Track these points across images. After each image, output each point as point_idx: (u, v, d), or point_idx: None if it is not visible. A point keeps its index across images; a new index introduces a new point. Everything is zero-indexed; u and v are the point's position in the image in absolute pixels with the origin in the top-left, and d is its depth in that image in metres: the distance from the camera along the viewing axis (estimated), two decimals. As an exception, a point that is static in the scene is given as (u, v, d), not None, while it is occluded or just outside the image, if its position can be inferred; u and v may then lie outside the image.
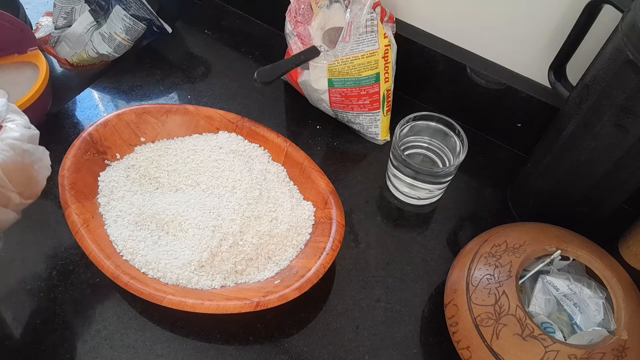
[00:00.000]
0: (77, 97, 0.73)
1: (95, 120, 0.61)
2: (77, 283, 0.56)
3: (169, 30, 0.79)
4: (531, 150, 0.61)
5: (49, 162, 0.48)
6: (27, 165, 0.44)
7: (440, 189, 0.61)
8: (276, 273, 0.54)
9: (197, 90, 0.74)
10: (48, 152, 0.48)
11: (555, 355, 0.43)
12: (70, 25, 0.74)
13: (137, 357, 0.51)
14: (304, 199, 0.60)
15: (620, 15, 0.44)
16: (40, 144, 0.58)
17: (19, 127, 0.45)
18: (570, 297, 0.49)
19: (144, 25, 0.74)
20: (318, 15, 0.65)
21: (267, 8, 0.80)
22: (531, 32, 0.58)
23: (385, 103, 0.65)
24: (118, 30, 0.72)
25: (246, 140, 0.64)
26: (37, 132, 0.47)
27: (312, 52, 0.61)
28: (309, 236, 0.57)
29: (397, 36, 0.65)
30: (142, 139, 0.63)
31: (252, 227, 0.56)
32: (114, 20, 0.72)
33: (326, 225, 0.56)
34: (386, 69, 0.62)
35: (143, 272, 0.53)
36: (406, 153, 0.62)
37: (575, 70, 0.54)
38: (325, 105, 0.67)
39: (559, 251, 0.49)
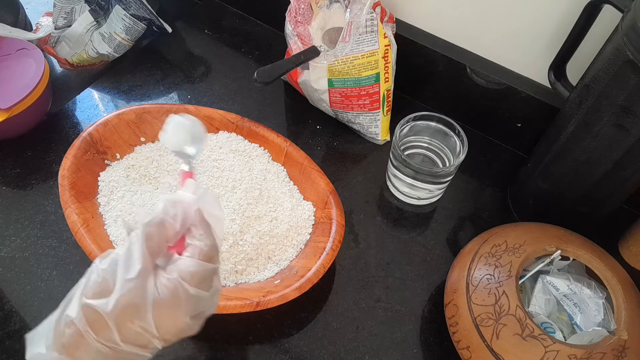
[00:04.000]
0: (77, 97, 0.73)
1: (95, 120, 0.61)
2: (77, 283, 0.55)
3: (169, 30, 0.79)
4: (531, 150, 0.61)
5: (214, 309, 0.36)
6: (183, 314, 0.32)
7: (440, 189, 0.61)
8: (276, 273, 0.54)
9: (197, 90, 0.74)
10: (217, 303, 0.36)
11: (555, 355, 0.43)
12: (70, 25, 0.74)
13: (137, 357, 0.51)
14: (304, 199, 0.60)
15: (620, 15, 0.44)
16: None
17: (200, 254, 0.33)
18: (570, 297, 0.49)
19: (144, 25, 0.74)
20: (318, 15, 0.65)
21: (267, 8, 0.80)
22: (531, 32, 0.58)
23: (385, 103, 0.65)
24: (118, 30, 0.72)
25: (246, 140, 0.64)
26: (215, 266, 0.34)
27: (312, 52, 0.61)
28: (309, 236, 0.57)
29: (397, 36, 0.65)
30: (142, 139, 0.63)
31: (252, 227, 0.56)
32: (114, 20, 0.72)
33: (326, 225, 0.56)
34: (386, 69, 0.62)
35: (143, 272, 0.53)
36: (406, 153, 0.62)
37: (575, 70, 0.54)
38: (325, 105, 0.67)
39: (559, 251, 0.49)
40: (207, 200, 0.35)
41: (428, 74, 0.69)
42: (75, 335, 0.31)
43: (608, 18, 0.49)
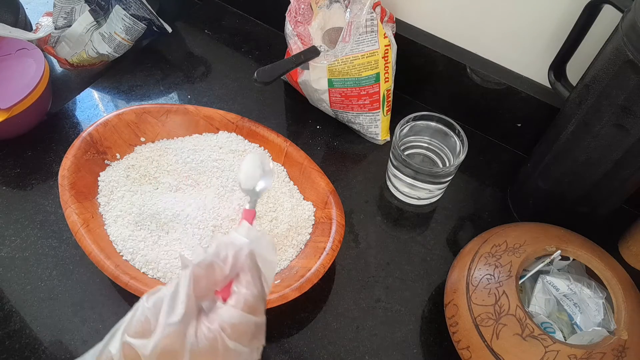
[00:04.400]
0: (77, 97, 0.73)
1: (95, 120, 0.61)
2: (77, 283, 0.56)
3: (169, 30, 0.79)
4: (531, 150, 0.61)
5: None
6: None
7: (440, 189, 0.61)
8: (276, 273, 0.54)
9: (197, 90, 0.74)
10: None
11: (555, 355, 0.43)
12: (70, 25, 0.74)
13: (137, 357, 0.51)
14: (304, 199, 0.60)
15: (620, 15, 0.44)
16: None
17: (244, 305, 0.31)
18: (570, 297, 0.49)
19: (144, 25, 0.74)
20: (318, 15, 0.65)
21: (267, 8, 0.80)
22: (531, 32, 0.58)
23: (385, 103, 0.65)
24: (118, 30, 0.72)
25: (246, 140, 0.64)
26: (258, 320, 0.32)
27: (312, 52, 0.61)
28: (309, 236, 0.57)
29: (397, 36, 0.65)
30: (142, 139, 0.63)
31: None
32: (114, 20, 0.72)
33: (326, 225, 0.56)
34: (386, 69, 0.62)
35: (143, 272, 0.53)
36: (406, 153, 0.62)
37: (575, 70, 0.54)
38: (325, 105, 0.67)
39: (559, 251, 0.49)
40: (261, 244, 0.34)
41: (428, 74, 0.69)
42: None
43: (608, 18, 0.49)
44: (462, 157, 0.57)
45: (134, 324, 0.30)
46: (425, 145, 0.63)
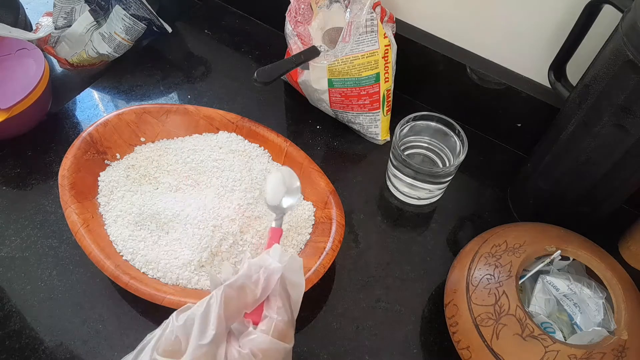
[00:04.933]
0: (77, 97, 0.73)
1: (95, 120, 0.61)
2: (77, 283, 0.56)
3: (169, 30, 0.79)
4: (531, 150, 0.61)
5: None
6: None
7: (440, 189, 0.61)
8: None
9: (197, 90, 0.74)
10: None
11: (555, 355, 0.43)
12: (70, 25, 0.74)
13: (137, 357, 0.51)
14: (304, 199, 0.60)
15: (620, 15, 0.44)
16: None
17: (274, 331, 0.31)
18: (570, 297, 0.49)
19: (144, 25, 0.74)
20: (318, 15, 0.65)
21: (267, 8, 0.80)
22: (531, 32, 0.58)
23: (385, 103, 0.65)
24: (118, 30, 0.72)
25: (246, 140, 0.64)
26: (288, 346, 0.32)
27: (312, 52, 0.61)
28: (309, 236, 0.57)
29: (397, 36, 0.65)
30: (142, 139, 0.63)
31: (252, 227, 0.56)
32: (114, 20, 0.72)
33: (326, 225, 0.56)
34: (386, 69, 0.62)
35: (143, 272, 0.53)
36: (406, 153, 0.62)
37: (575, 70, 0.54)
38: (325, 105, 0.67)
39: (559, 251, 0.49)
40: (292, 267, 0.34)
41: (428, 74, 0.69)
42: None
43: (608, 18, 0.49)
44: (462, 157, 0.57)
45: (164, 341, 0.30)
46: (425, 145, 0.63)
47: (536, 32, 0.58)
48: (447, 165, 0.61)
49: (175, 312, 0.31)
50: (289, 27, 0.64)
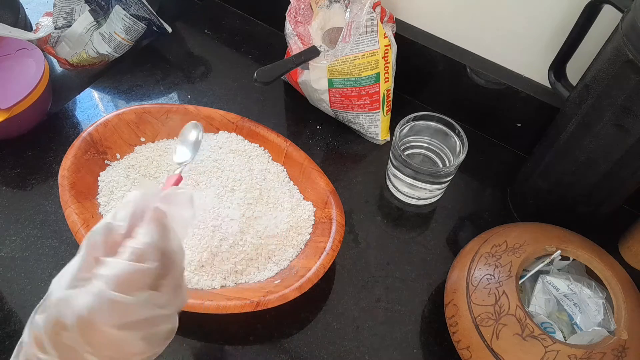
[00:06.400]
0: (77, 97, 0.73)
1: (95, 120, 0.61)
2: (77, 283, 0.56)
3: (169, 30, 0.79)
4: (531, 150, 0.61)
5: (167, 322, 0.32)
6: (104, 323, 0.29)
7: (440, 189, 0.61)
8: (276, 273, 0.54)
9: (197, 90, 0.74)
10: (177, 322, 0.33)
11: (555, 355, 0.43)
12: (70, 25, 0.74)
13: (137, 357, 0.51)
14: (304, 199, 0.60)
15: (620, 15, 0.44)
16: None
17: (131, 254, 0.31)
18: (570, 297, 0.49)
19: (144, 25, 0.74)
20: (318, 15, 0.65)
21: (267, 8, 0.80)
22: (531, 32, 0.58)
23: (385, 103, 0.65)
24: (118, 30, 0.72)
25: (246, 140, 0.64)
26: (148, 267, 0.31)
27: (312, 52, 0.61)
28: (309, 236, 0.57)
29: (397, 36, 0.65)
30: (142, 139, 0.63)
31: (252, 227, 0.56)
32: (114, 20, 0.72)
33: (326, 225, 0.56)
34: (386, 69, 0.62)
35: (143, 272, 0.53)
36: (406, 153, 0.62)
37: (575, 70, 0.54)
38: (325, 105, 0.67)
39: (559, 251, 0.49)
40: (175, 200, 0.34)
41: (428, 74, 0.69)
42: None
43: (608, 18, 0.49)
44: (462, 157, 0.57)
45: (41, 302, 0.32)
46: (425, 145, 0.63)
47: (536, 32, 0.58)
48: (447, 165, 0.61)
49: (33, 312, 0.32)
50: (289, 27, 0.64)
